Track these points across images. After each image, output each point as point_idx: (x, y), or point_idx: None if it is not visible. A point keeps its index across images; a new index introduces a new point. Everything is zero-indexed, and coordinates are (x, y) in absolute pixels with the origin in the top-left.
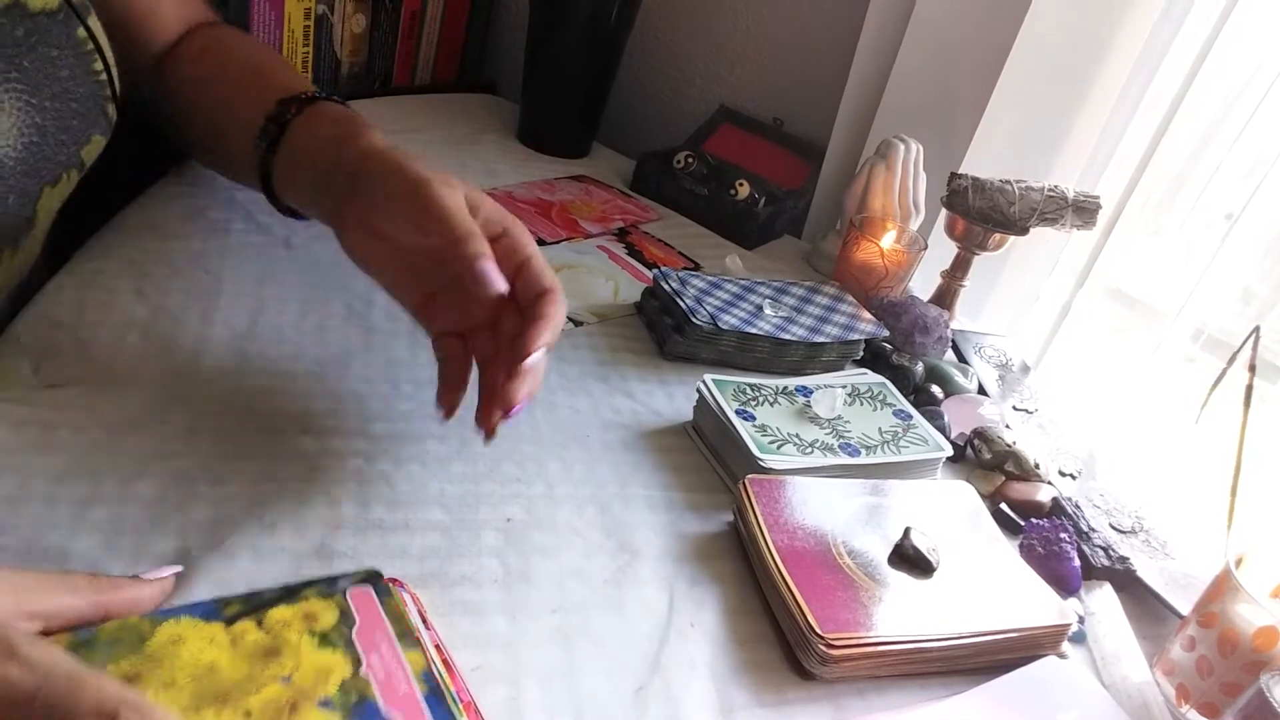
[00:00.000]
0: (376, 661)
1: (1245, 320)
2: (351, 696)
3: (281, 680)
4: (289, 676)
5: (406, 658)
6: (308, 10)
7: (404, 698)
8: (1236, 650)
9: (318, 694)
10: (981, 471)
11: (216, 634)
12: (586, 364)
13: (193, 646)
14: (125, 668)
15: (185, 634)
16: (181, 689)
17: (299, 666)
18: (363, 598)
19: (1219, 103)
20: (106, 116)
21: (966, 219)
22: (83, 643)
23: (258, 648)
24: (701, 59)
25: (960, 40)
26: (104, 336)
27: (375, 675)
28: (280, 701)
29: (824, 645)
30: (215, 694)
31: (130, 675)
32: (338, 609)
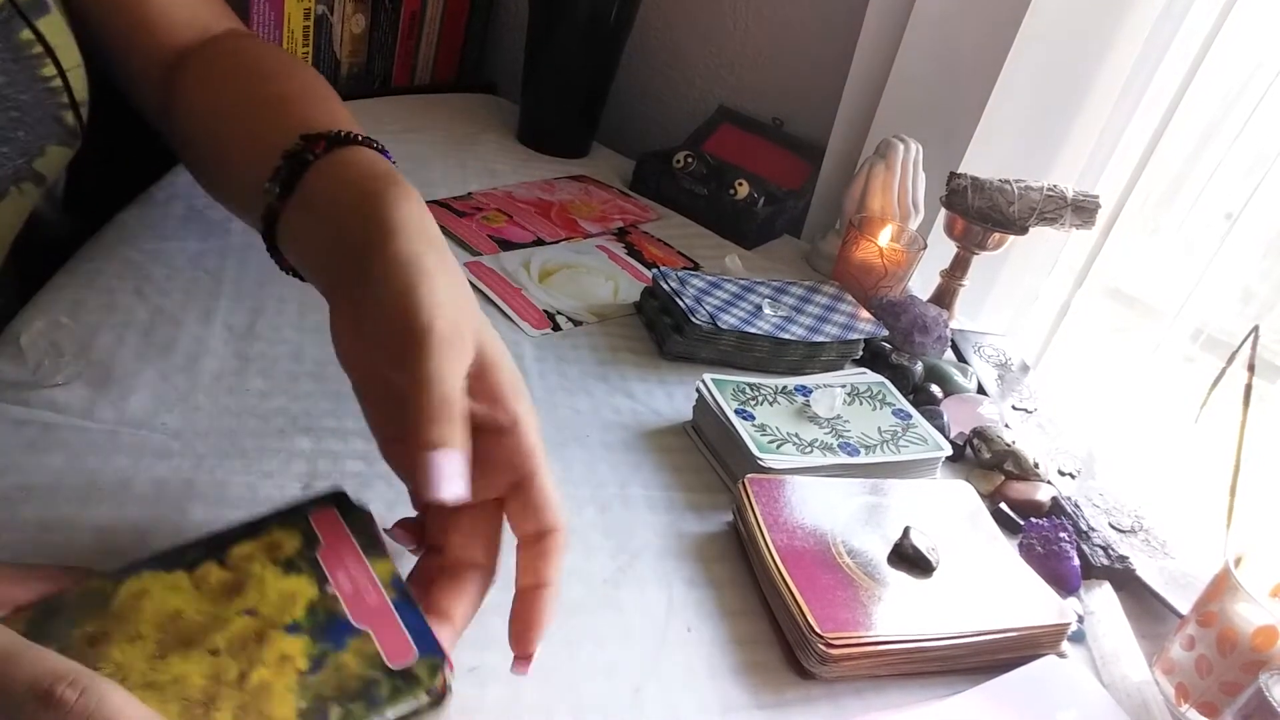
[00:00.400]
0: (343, 578)
1: (1245, 320)
2: (319, 617)
3: (246, 613)
4: (253, 609)
5: (375, 569)
6: (307, 10)
7: (374, 608)
8: (1236, 649)
9: (284, 620)
10: (981, 471)
11: (179, 581)
12: (586, 364)
13: (156, 598)
14: (91, 629)
15: (148, 587)
16: (147, 639)
17: (263, 597)
18: (327, 519)
19: (1218, 102)
20: (64, 125)
21: (966, 219)
22: (50, 609)
23: (221, 586)
24: (701, 59)
25: (960, 40)
26: (104, 336)
27: (343, 591)
28: (247, 634)
29: (823, 645)
30: (181, 639)
31: (96, 635)
32: (301, 534)
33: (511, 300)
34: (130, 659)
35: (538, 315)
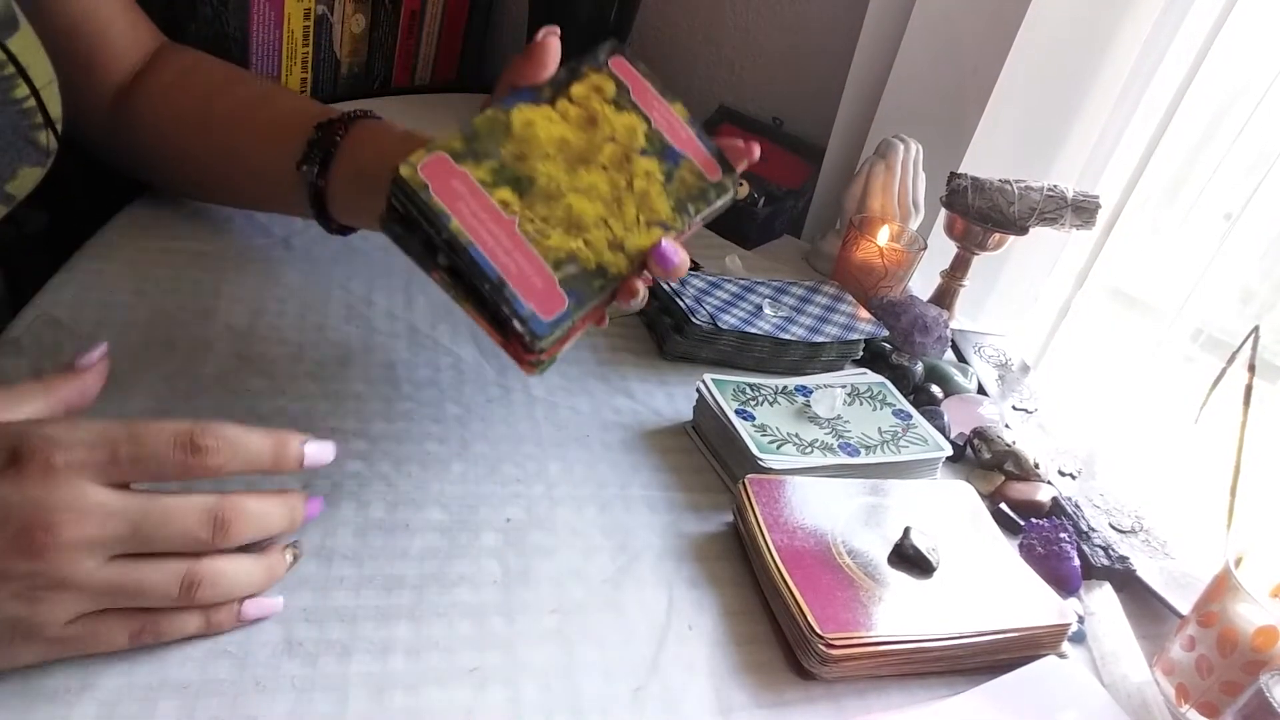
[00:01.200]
0: (658, 116)
1: (1245, 320)
2: (656, 144)
3: (610, 140)
4: (612, 136)
5: (674, 108)
6: (307, 10)
7: (684, 139)
8: (1236, 650)
9: (636, 145)
10: (981, 471)
11: (549, 114)
12: (586, 364)
13: (541, 127)
14: (511, 149)
15: (531, 117)
16: (554, 158)
17: (614, 128)
18: (621, 65)
19: (1218, 102)
20: (37, 146)
21: (966, 219)
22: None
23: (580, 118)
24: (701, 59)
25: (960, 40)
26: (104, 336)
27: (662, 126)
28: (618, 155)
29: (824, 645)
30: (577, 157)
31: (518, 154)
32: (612, 79)
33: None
34: (553, 171)
35: None
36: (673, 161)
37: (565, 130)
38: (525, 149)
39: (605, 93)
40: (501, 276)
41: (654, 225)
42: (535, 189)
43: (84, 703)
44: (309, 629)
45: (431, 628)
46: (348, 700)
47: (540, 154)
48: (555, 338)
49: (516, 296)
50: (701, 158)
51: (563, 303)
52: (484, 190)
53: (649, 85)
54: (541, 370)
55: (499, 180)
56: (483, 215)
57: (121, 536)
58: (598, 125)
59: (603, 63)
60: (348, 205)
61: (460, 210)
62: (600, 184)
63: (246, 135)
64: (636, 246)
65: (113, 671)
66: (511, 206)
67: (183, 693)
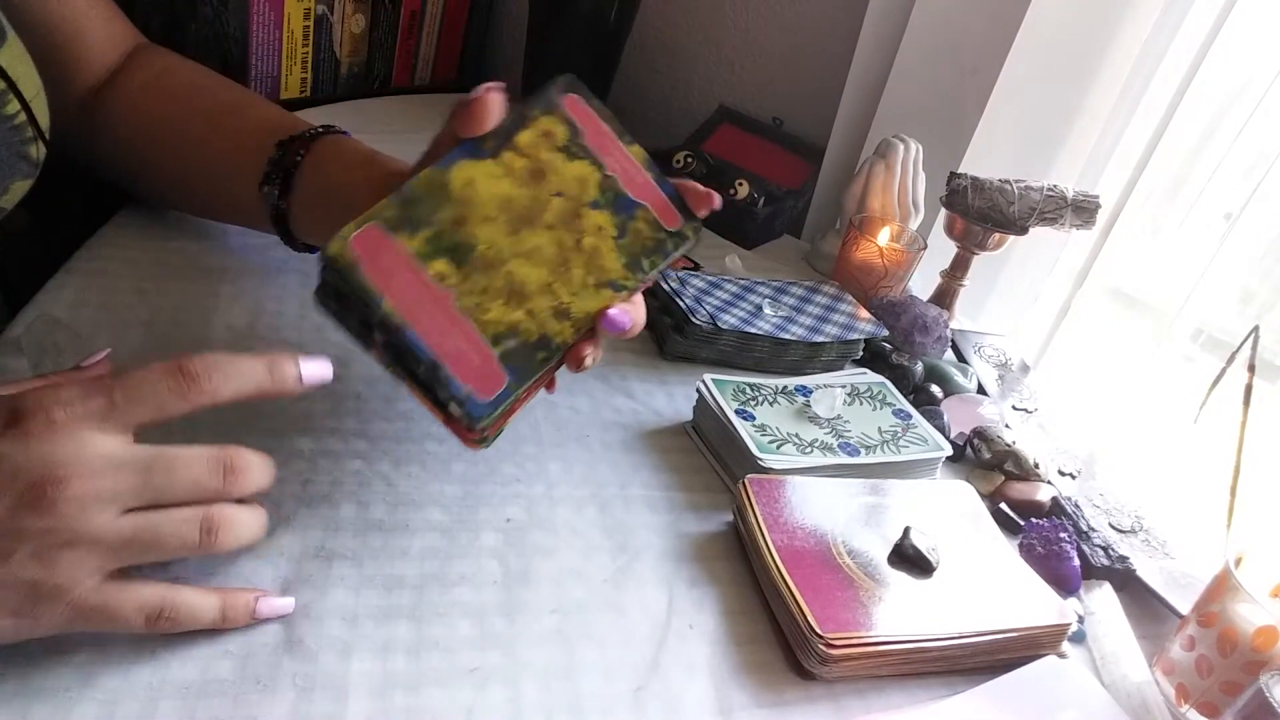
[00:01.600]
0: (613, 162)
1: (1245, 320)
2: (609, 195)
3: (557, 195)
4: (560, 191)
5: (631, 152)
6: (307, 10)
7: (642, 185)
8: (1236, 650)
9: (586, 199)
10: (981, 471)
11: (492, 169)
12: None
13: (483, 185)
14: (450, 213)
15: (472, 175)
16: (496, 220)
17: (563, 180)
18: (575, 106)
19: (1218, 102)
20: (29, 160)
21: (966, 219)
22: (405, 201)
23: (526, 172)
24: (701, 59)
25: (960, 40)
26: (104, 336)
27: (617, 172)
28: (566, 211)
29: (824, 645)
30: (521, 218)
31: (457, 218)
32: (564, 122)
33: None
34: (494, 236)
35: None
36: (627, 213)
37: (509, 187)
38: (465, 212)
39: (555, 139)
40: (435, 359)
41: (604, 286)
42: (474, 257)
43: (84, 703)
44: (310, 628)
45: (432, 627)
46: (348, 700)
47: (481, 217)
48: (496, 416)
49: (452, 379)
50: (660, 205)
51: (502, 380)
52: (419, 264)
53: (605, 127)
54: (487, 445)
55: (435, 251)
56: (418, 292)
57: (133, 487)
58: (545, 178)
59: (555, 104)
60: (310, 226)
61: (393, 288)
62: (545, 246)
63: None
64: (584, 311)
65: (113, 671)
66: (448, 279)
67: (184, 692)
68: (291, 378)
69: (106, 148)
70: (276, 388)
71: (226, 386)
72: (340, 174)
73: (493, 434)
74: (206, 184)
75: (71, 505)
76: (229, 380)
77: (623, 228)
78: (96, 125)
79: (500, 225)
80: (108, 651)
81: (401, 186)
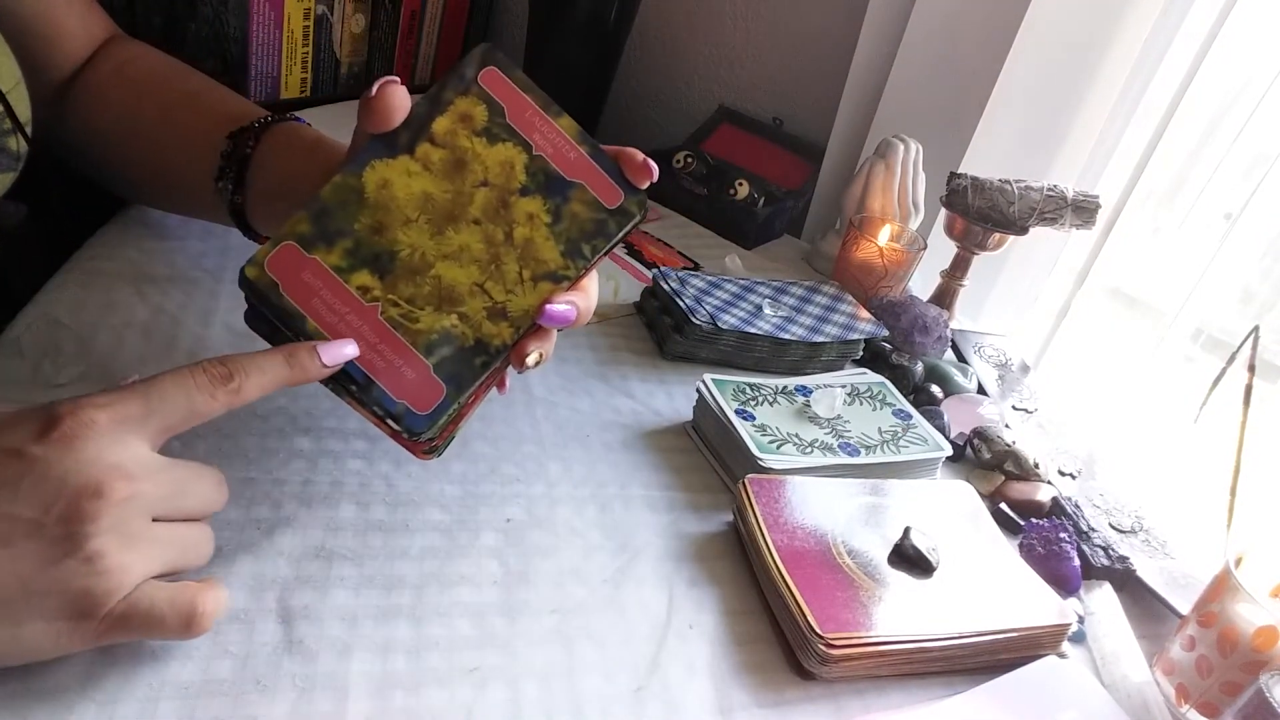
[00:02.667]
0: (540, 139)
1: (1245, 320)
2: (539, 178)
3: (481, 185)
4: (485, 180)
5: (560, 125)
6: (307, 10)
7: (576, 162)
8: (1236, 650)
9: (514, 185)
10: (981, 471)
11: (409, 165)
12: (586, 364)
13: (399, 184)
14: (366, 221)
15: (386, 175)
16: (417, 221)
17: (486, 168)
18: (494, 80)
19: (1218, 102)
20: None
21: (966, 219)
22: (318, 213)
23: (446, 163)
24: (701, 59)
25: (960, 40)
26: (104, 336)
27: (546, 151)
28: (492, 202)
29: (824, 645)
30: (444, 216)
31: (375, 225)
32: (482, 101)
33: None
34: (416, 239)
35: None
36: (560, 195)
37: (428, 183)
38: (383, 217)
39: (475, 122)
40: (368, 376)
41: (542, 279)
42: (398, 265)
43: (84, 703)
44: (310, 628)
45: (432, 627)
46: (348, 700)
47: (400, 220)
48: (440, 426)
49: (386, 395)
50: (597, 181)
51: (440, 391)
52: (339, 278)
53: (529, 100)
54: (438, 454)
55: (355, 263)
56: (341, 308)
57: (167, 495)
58: (467, 168)
59: (470, 81)
60: (266, 219)
61: (315, 307)
62: (473, 243)
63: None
64: (522, 309)
65: (113, 672)
66: (372, 291)
67: (184, 692)
68: (313, 365)
69: (76, 140)
70: (299, 376)
71: (252, 384)
72: (289, 164)
73: (441, 443)
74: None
75: (119, 509)
76: (252, 378)
77: (557, 212)
78: (66, 117)
79: (422, 227)
80: (108, 651)
81: (313, 197)
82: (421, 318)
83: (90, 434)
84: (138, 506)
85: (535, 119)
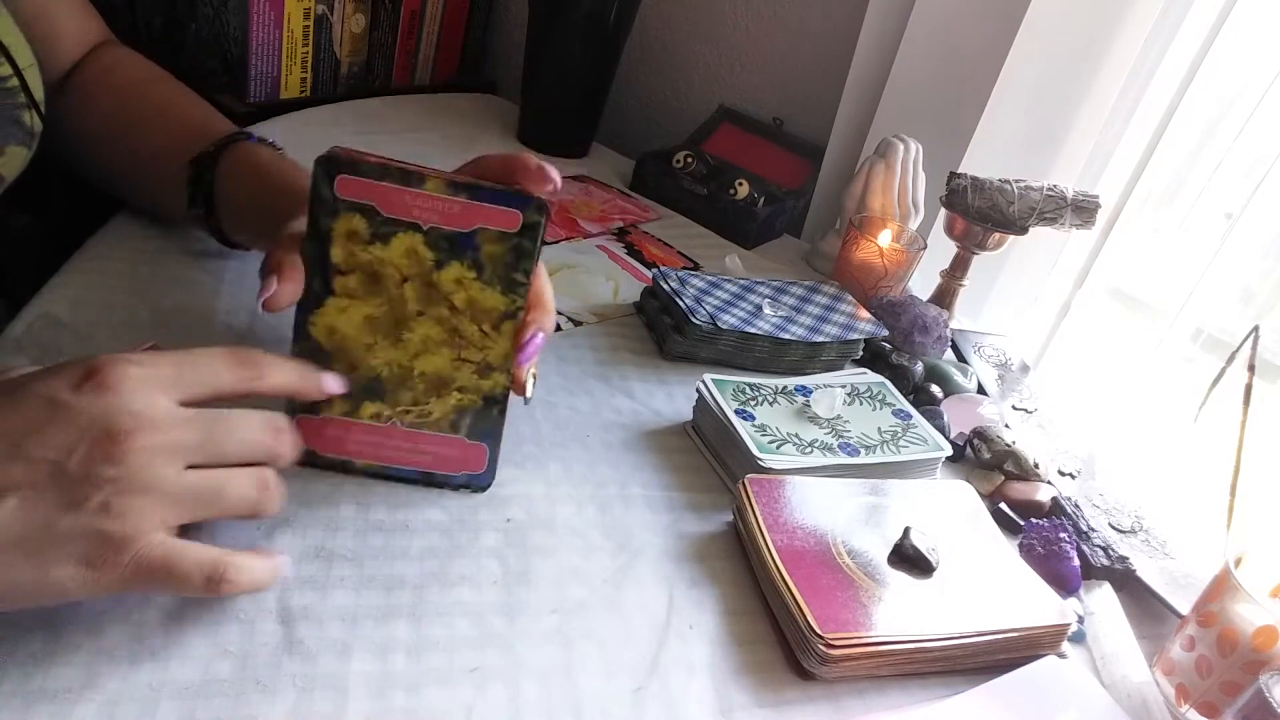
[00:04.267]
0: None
1: (1245, 320)
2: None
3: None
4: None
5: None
6: (307, 10)
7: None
8: (1236, 650)
9: (427, 265)
10: (981, 471)
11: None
12: (586, 364)
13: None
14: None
15: (328, 322)
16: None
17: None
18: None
19: (1218, 102)
20: (23, 126)
21: (966, 219)
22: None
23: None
24: (701, 59)
25: (960, 40)
26: (104, 336)
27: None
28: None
29: (824, 645)
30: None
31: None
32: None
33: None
34: (386, 356)
35: None
36: (470, 248)
37: (363, 308)
38: (349, 356)
39: (360, 235)
40: (422, 471)
41: (501, 322)
42: (386, 383)
43: (84, 703)
44: (310, 629)
45: (432, 627)
46: (348, 700)
47: (363, 349)
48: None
49: (449, 477)
50: (492, 216)
51: (483, 450)
52: (353, 420)
53: (390, 185)
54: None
55: (356, 403)
56: (371, 438)
57: (198, 442)
58: (381, 276)
59: (333, 200)
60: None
61: (350, 448)
62: (430, 331)
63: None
64: (502, 355)
65: (113, 672)
66: (384, 414)
67: (184, 692)
68: (315, 386)
69: (69, 138)
70: (305, 390)
71: (271, 379)
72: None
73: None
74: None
75: (141, 456)
76: (273, 374)
77: (477, 264)
78: (60, 115)
79: (383, 344)
80: (108, 652)
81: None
82: (433, 409)
83: (122, 386)
84: (164, 455)
85: (405, 198)
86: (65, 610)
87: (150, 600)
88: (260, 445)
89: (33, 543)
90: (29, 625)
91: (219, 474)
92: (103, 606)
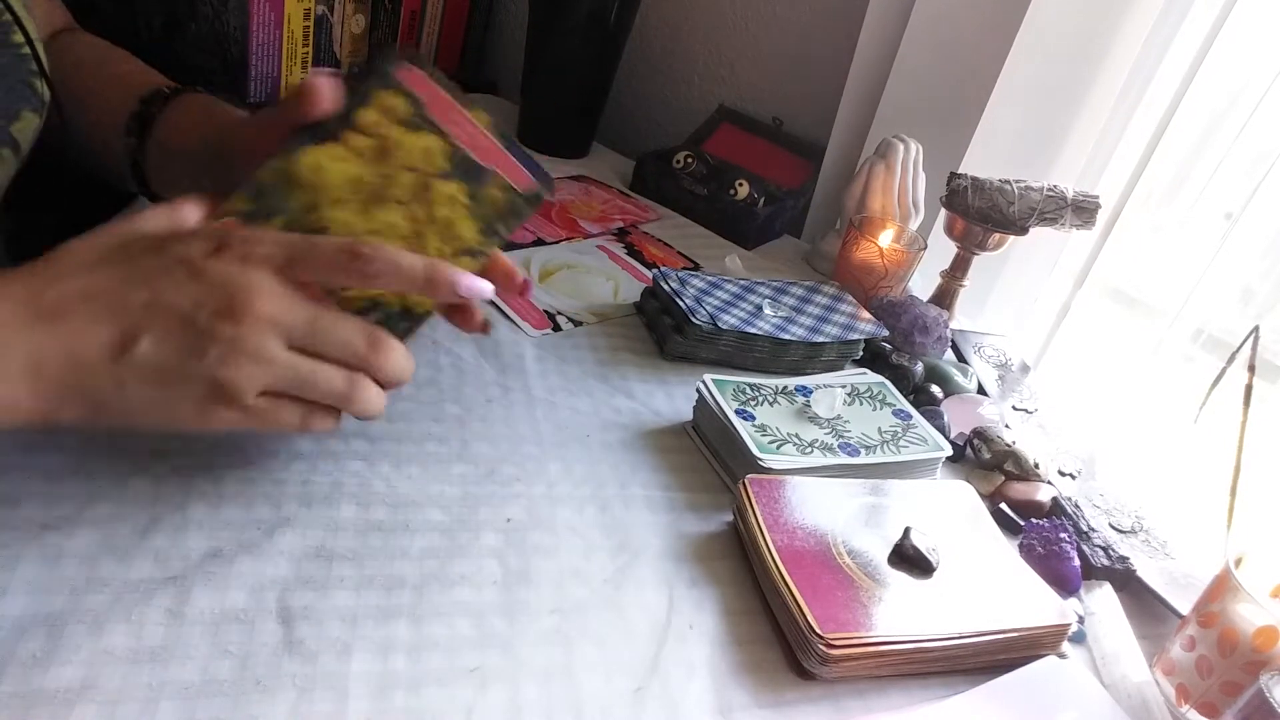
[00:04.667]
0: (459, 131)
1: (1245, 320)
2: (458, 164)
3: (406, 169)
4: (409, 164)
5: (475, 118)
6: (307, 10)
7: (490, 151)
8: (1236, 650)
9: (435, 170)
10: (981, 471)
11: (337, 151)
12: (586, 364)
13: (330, 168)
14: (301, 200)
15: (318, 160)
16: (348, 202)
17: (409, 155)
18: (412, 77)
19: (1218, 101)
20: (36, 93)
21: (966, 219)
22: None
23: (372, 150)
24: (701, 59)
25: (960, 40)
26: None
27: (464, 140)
28: (416, 185)
29: (824, 645)
30: (372, 197)
31: (308, 204)
32: (403, 95)
33: (512, 300)
34: (346, 217)
35: (538, 315)
36: (478, 180)
37: (357, 167)
38: (316, 197)
39: (397, 113)
40: None
41: (462, 255)
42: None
43: (84, 703)
44: (310, 629)
45: (432, 627)
46: (348, 700)
47: (332, 200)
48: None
49: None
50: (511, 168)
51: None
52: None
53: (446, 95)
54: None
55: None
56: None
57: (302, 325)
58: (391, 154)
59: (391, 78)
60: (160, 175)
61: None
62: (399, 222)
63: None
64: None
65: (113, 672)
66: None
67: (184, 692)
68: (447, 284)
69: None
70: (429, 290)
71: (385, 275)
72: (185, 120)
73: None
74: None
75: (257, 323)
76: (388, 269)
77: (475, 195)
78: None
79: (352, 206)
80: (108, 652)
81: (251, 178)
82: (351, 289)
83: (249, 260)
84: (272, 329)
85: (452, 111)
86: (66, 610)
87: (150, 600)
88: (355, 351)
89: (165, 376)
90: (29, 625)
91: (314, 361)
92: (103, 606)
